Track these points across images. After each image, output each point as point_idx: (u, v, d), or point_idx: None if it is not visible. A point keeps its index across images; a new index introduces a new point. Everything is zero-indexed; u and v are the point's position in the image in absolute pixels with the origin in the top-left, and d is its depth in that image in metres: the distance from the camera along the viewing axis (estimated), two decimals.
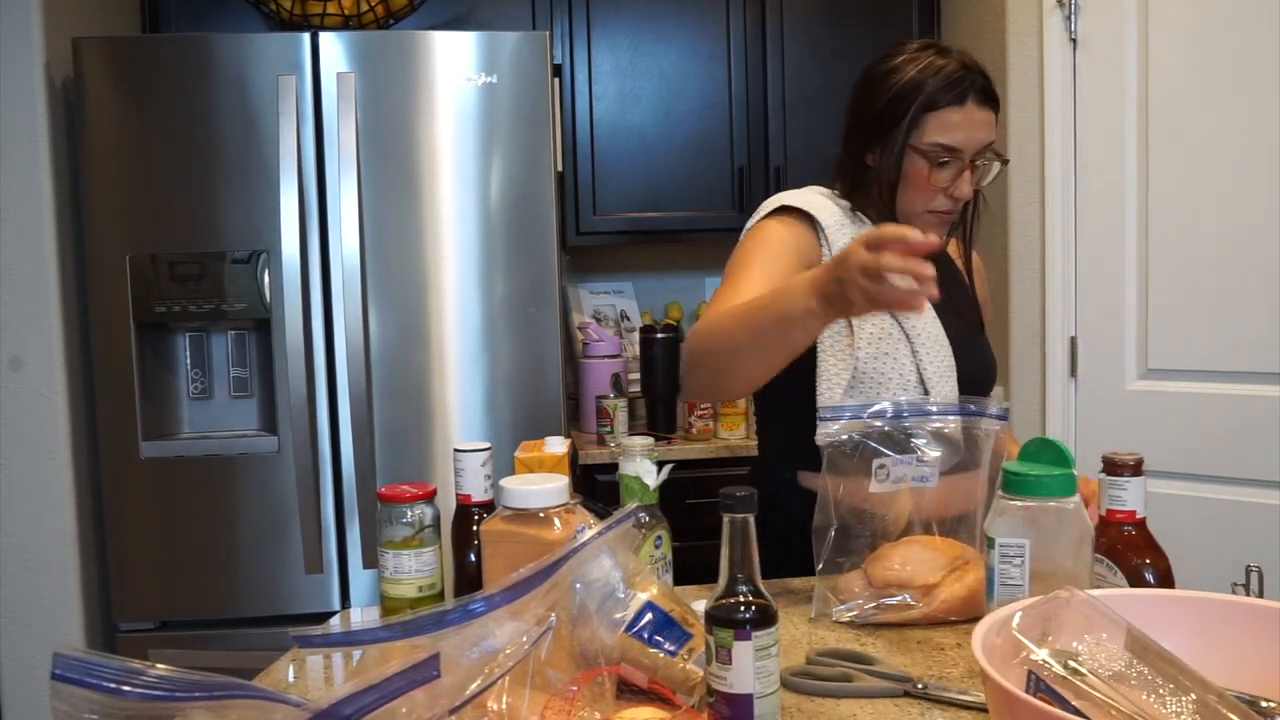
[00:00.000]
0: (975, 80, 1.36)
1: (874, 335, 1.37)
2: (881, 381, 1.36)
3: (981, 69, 1.38)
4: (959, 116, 1.35)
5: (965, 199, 1.39)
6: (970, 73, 1.36)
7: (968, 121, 1.35)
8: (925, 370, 1.37)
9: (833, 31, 2.76)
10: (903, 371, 1.36)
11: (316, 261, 2.12)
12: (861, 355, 1.36)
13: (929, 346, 1.38)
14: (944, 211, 1.40)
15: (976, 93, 1.36)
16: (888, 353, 1.37)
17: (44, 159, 2.10)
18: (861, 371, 1.36)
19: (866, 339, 1.37)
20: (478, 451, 1.17)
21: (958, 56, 1.38)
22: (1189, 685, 0.73)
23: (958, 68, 1.36)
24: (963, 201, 1.40)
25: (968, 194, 1.38)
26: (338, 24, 2.32)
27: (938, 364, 1.38)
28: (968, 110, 1.35)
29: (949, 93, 1.35)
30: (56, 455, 2.13)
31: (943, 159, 1.36)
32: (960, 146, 1.36)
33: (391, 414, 2.15)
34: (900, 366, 1.37)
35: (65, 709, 0.59)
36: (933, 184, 1.37)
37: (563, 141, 2.67)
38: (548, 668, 0.79)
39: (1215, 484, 2.12)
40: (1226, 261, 2.09)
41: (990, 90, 1.38)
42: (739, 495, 0.82)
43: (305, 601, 2.15)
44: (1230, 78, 2.07)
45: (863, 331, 1.37)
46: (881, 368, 1.36)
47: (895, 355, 1.37)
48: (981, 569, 1.12)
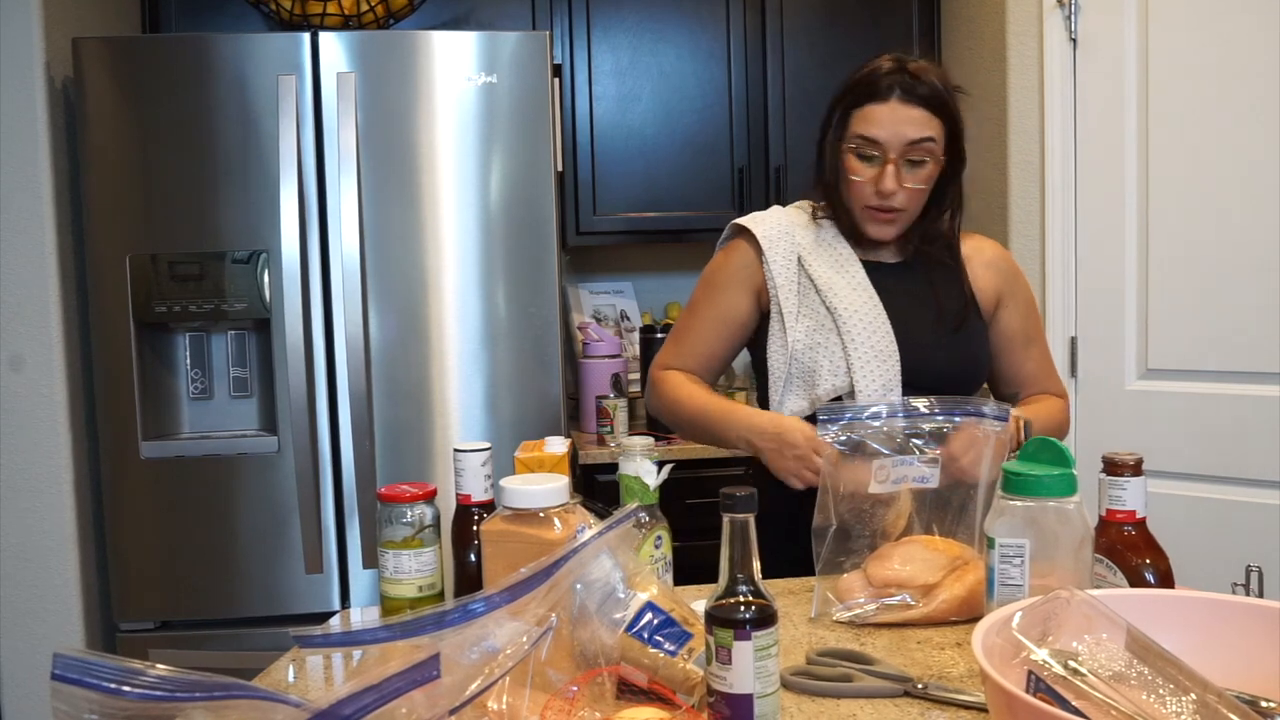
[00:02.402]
0: (904, 79, 1.42)
1: (809, 327, 1.46)
2: (814, 369, 1.45)
3: (919, 71, 1.42)
4: (881, 111, 1.42)
5: (889, 194, 1.43)
6: (901, 72, 1.42)
7: (891, 116, 1.41)
8: (852, 361, 1.42)
9: (833, 31, 2.76)
10: (833, 360, 1.44)
11: (316, 261, 2.12)
12: (798, 348, 1.46)
13: (860, 339, 1.44)
14: (879, 208, 1.45)
15: (904, 91, 1.41)
16: (820, 344, 1.45)
17: (44, 159, 2.10)
18: (797, 362, 1.47)
19: (803, 331, 1.47)
20: (478, 451, 1.17)
21: (899, 59, 1.44)
22: (1189, 685, 0.73)
23: (890, 67, 1.43)
24: (893, 196, 1.43)
25: (889, 188, 1.42)
26: (338, 24, 2.32)
27: (867, 355, 1.43)
28: (891, 106, 1.41)
29: (873, 88, 1.43)
30: (56, 455, 2.13)
31: (866, 152, 1.43)
32: (881, 140, 1.42)
33: (391, 414, 2.15)
34: (831, 356, 1.44)
35: (65, 709, 0.59)
36: (862, 178, 1.44)
37: (563, 141, 2.67)
38: (548, 668, 0.79)
39: (1215, 484, 2.12)
40: (1226, 261, 2.09)
41: (926, 93, 1.41)
42: (739, 495, 0.82)
43: (305, 601, 2.15)
44: (1230, 78, 2.07)
45: (799, 326, 1.47)
46: (814, 358, 1.45)
47: (826, 346, 1.45)
48: (981, 569, 1.12)
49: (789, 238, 1.52)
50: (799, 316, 1.48)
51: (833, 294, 1.47)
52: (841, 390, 1.44)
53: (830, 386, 1.44)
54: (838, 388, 1.44)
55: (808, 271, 1.50)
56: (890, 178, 1.42)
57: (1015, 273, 1.59)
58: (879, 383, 1.42)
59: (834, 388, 1.44)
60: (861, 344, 1.44)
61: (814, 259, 1.50)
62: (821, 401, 1.45)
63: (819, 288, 1.48)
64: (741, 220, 1.56)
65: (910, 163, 1.43)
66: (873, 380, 1.42)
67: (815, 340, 1.46)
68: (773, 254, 1.50)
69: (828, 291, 1.47)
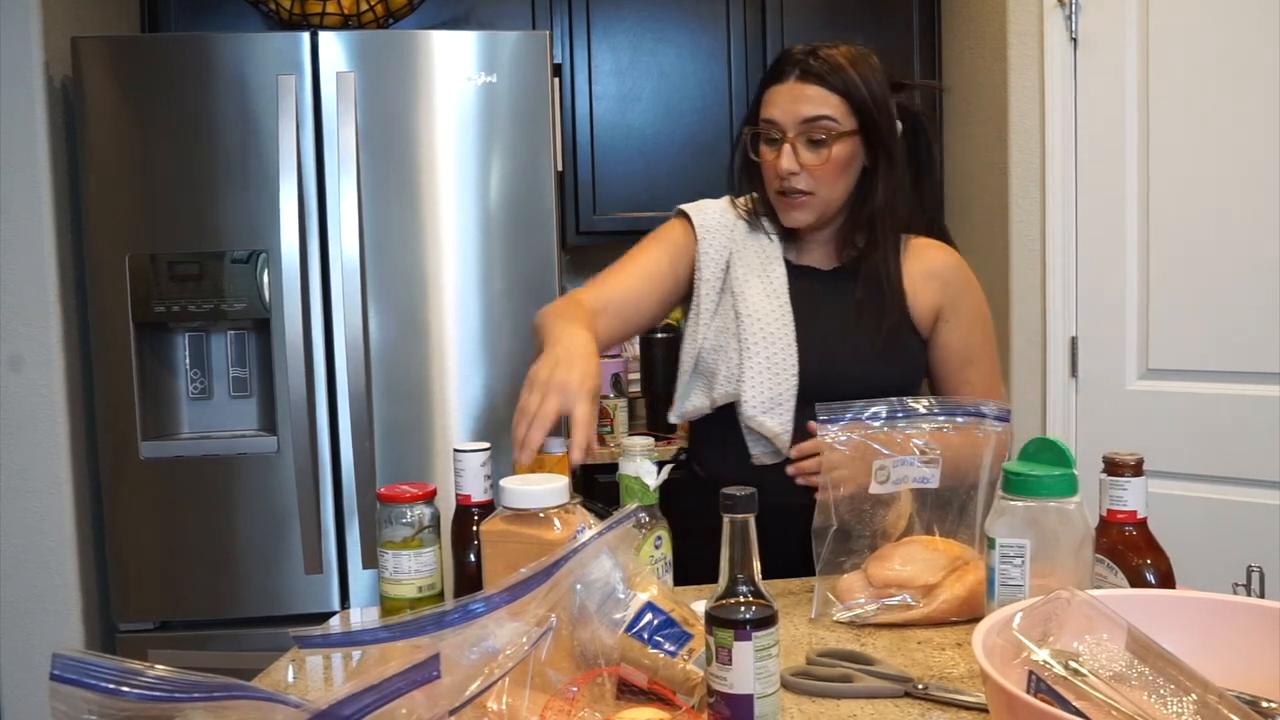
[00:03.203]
0: (802, 60, 1.40)
1: (718, 329, 1.46)
2: (714, 372, 1.44)
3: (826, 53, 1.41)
4: (780, 91, 1.41)
5: (785, 174, 1.40)
6: (808, 55, 1.41)
7: (788, 95, 1.40)
8: (744, 370, 1.40)
9: (833, 31, 2.76)
10: (729, 366, 1.42)
11: (316, 261, 2.12)
12: (704, 347, 1.46)
13: (756, 349, 1.41)
14: (785, 194, 1.43)
15: (801, 70, 1.40)
16: (722, 347, 1.44)
17: (43, 158, 2.10)
18: (702, 361, 1.46)
19: (712, 332, 1.46)
20: (478, 451, 1.17)
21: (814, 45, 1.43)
22: (1190, 686, 0.73)
23: (798, 50, 1.43)
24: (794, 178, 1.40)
25: (785, 167, 1.40)
26: (337, 23, 2.31)
27: (759, 366, 1.41)
28: (789, 85, 1.40)
29: (773, 72, 1.43)
30: (56, 455, 2.13)
31: (769, 135, 1.42)
32: (777, 119, 1.41)
33: (391, 414, 2.15)
34: (728, 361, 1.43)
35: (64, 709, 0.58)
36: (767, 164, 1.44)
37: (563, 141, 2.66)
38: (548, 668, 0.79)
39: (1216, 484, 2.12)
40: (1227, 261, 2.09)
41: (824, 70, 1.39)
42: (739, 495, 0.81)
43: (305, 602, 2.15)
44: (1231, 77, 2.07)
45: (711, 325, 1.47)
46: (715, 360, 1.44)
47: (726, 350, 1.43)
48: (982, 569, 1.11)
49: (726, 234, 1.50)
50: (714, 316, 1.47)
51: (743, 299, 1.44)
52: (733, 397, 1.41)
53: (724, 392, 1.42)
54: (730, 394, 1.42)
55: (731, 273, 1.48)
56: (786, 156, 1.39)
57: (963, 284, 1.50)
58: (767, 394, 1.39)
59: (727, 393, 1.42)
60: (756, 354, 1.41)
61: (741, 261, 1.48)
62: (718, 404, 1.43)
63: (734, 292, 1.46)
64: (685, 207, 1.55)
65: (811, 142, 1.39)
66: (761, 392, 1.39)
67: (719, 343, 1.45)
68: (706, 246, 1.49)
69: (740, 296, 1.45)
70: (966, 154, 2.67)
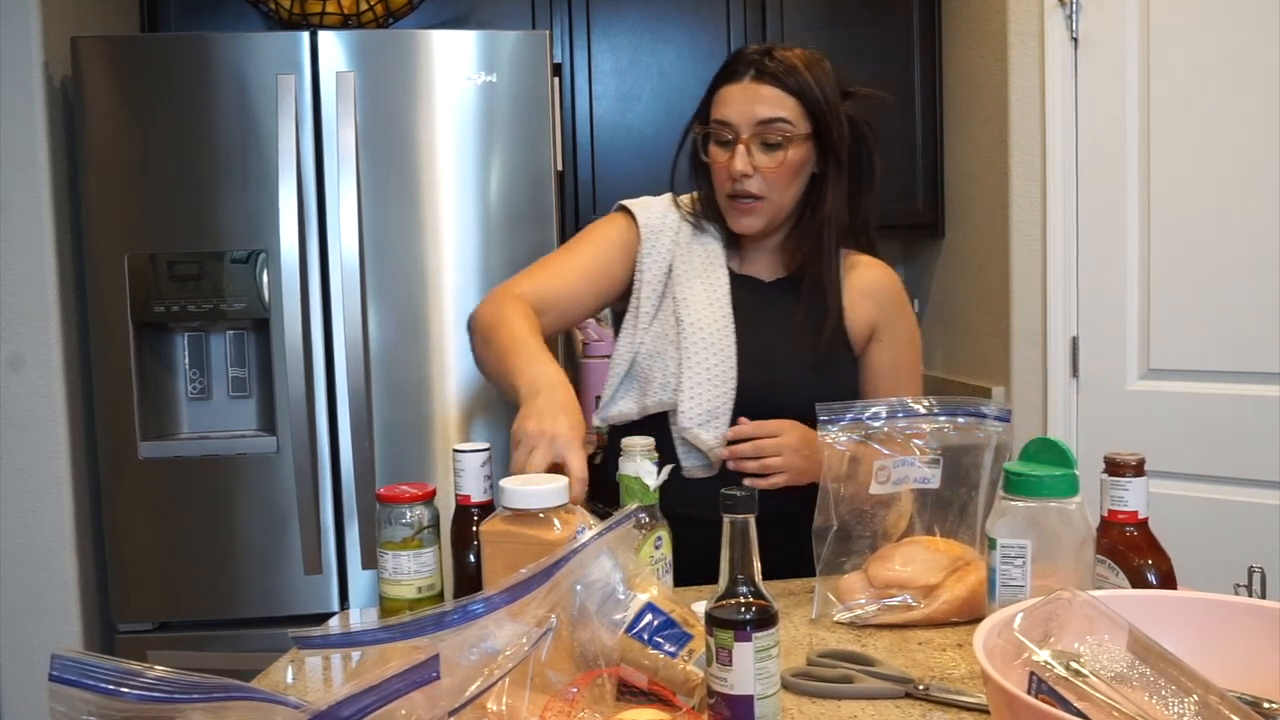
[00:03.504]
0: (757, 60, 1.39)
1: (656, 334, 1.43)
2: (649, 378, 1.42)
3: (781, 54, 1.39)
4: (734, 91, 1.39)
5: (739, 175, 1.38)
6: (762, 55, 1.39)
7: (742, 95, 1.38)
8: (682, 378, 1.38)
9: (833, 32, 2.76)
10: (665, 373, 1.40)
11: (315, 261, 2.12)
12: (642, 351, 1.43)
13: (696, 358, 1.39)
14: (737, 196, 1.41)
15: (756, 71, 1.38)
16: (660, 353, 1.41)
17: (43, 158, 2.10)
18: (637, 365, 1.43)
19: (651, 337, 1.43)
20: (477, 452, 1.17)
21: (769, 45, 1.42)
22: (1191, 686, 0.73)
23: (752, 50, 1.41)
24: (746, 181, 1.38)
25: (739, 169, 1.37)
26: (337, 23, 2.31)
27: (698, 376, 1.38)
28: (743, 86, 1.38)
29: (730, 70, 1.41)
30: (55, 455, 2.12)
31: (722, 136, 1.40)
32: (732, 120, 1.39)
33: (391, 414, 2.15)
34: (665, 369, 1.40)
35: (63, 710, 0.58)
36: (719, 165, 1.41)
37: (563, 141, 2.66)
38: (548, 669, 0.79)
39: (1216, 484, 2.12)
40: (1227, 261, 2.09)
41: (779, 71, 1.38)
42: (739, 496, 0.81)
43: (304, 602, 2.15)
44: (1231, 77, 2.07)
45: (650, 330, 1.44)
46: (652, 366, 1.42)
47: (664, 357, 1.41)
48: (983, 570, 1.11)
49: (671, 236, 1.48)
50: (653, 320, 1.45)
51: (685, 306, 1.42)
52: (667, 406, 1.39)
53: (657, 400, 1.40)
54: (664, 402, 1.40)
55: (674, 277, 1.46)
56: (740, 158, 1.37)
57: (898, 305, 1.50)
58: (705, 406, 1.37)
59: (660, 401, 1.40)
60: (696, 363, 1.39)
61: (684, 265, 1.46)
62: (648, 411, 1.41)
63: (676, 297, 1.44)
64: (629, 204, 1.53)
65: (766, 145, 1.38)
66: (698, 402, 1.37)
67: (657, 349, 1.42)
68: (649, 248, 1.47)
69: (682, 303, 1.43)
70: (966, 154, 2.67)
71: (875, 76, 2.81)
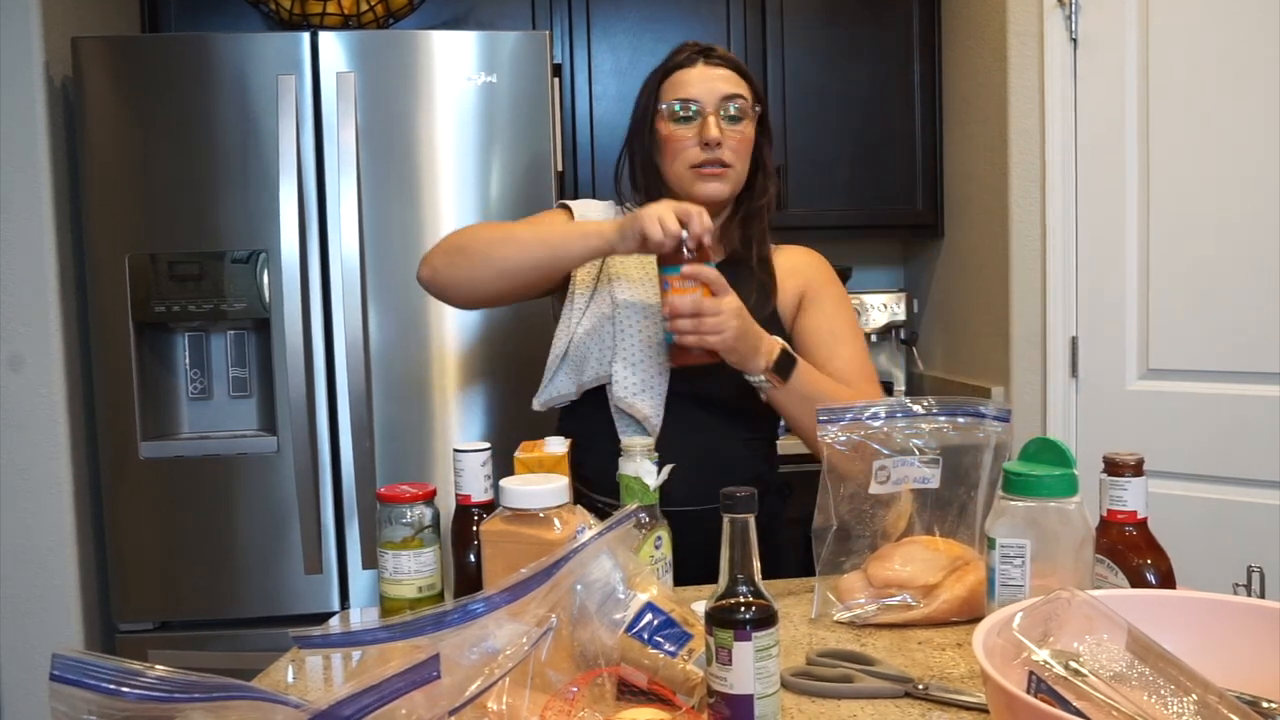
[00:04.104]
0: (704, 50, 1.49)
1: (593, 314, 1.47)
2: (586, 355, 1.45)
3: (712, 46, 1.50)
4: (691, 73, 1.47)
5: (715, 142, 1.43)
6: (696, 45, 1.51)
7: (702, 76, 1.47)
8: (617, 351, 1.43)
9: (833, 32, 2.76)
10: (602, 348, 1.44)
11: (316, 261, 2.12)
12: (578, 333, 1.46)
13: (630, 331, 1.43)
14: (706, 163, 1.45)
15: (707, 57, 1.48)
16: (595, 330, 1.45)
17: (43, 159, 2.10)
18: (574, 345, 1.46)
19: (588, 319, 1.46)
20: (478, 451, 1.17)
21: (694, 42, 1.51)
22: (1190, 686, 0.73)
23: (689, 44, 1.50)
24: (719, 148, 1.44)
25: (714, 135, 1.43)
26: (337, 23, 2.31)
27: (634, 348, 1.43)
28: (700, 69, 1.47)
29: (678, 59, 1.49)
30: (56, 455, 2.13)
31: (683, 115, 1.46)
32: (696, 97, 1.45)
33: (391, 414, 2.15)
34: (601, 344, 1.44)
35: (64, 709, 0.58)
36: (682, 139, 1.45)
37: (563, 141, 2.66)
38: (548, 668, 0.79)
39: (1216, 484, 2.12)
40: (1227, 261, 2.09)
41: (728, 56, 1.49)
42: (739, 496, 0.81)
43: (304, 602, 2.15)
44: (1231, 77, 2.07)
45: (587, 313, 1.47)
46: (589, 344, 1.45)
47: (601, 333, 1.45)
48: (982, 569, 1.11)
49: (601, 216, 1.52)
50: (589, 303, 1.48)
51: (620, 285, 1.47)
52: (603, 379, 1.43)
53: (594, 374, 1.44)
54: (600, 376, 1.44)
55: (609, 264, 1.50)
56: (713, 126, 1.43)
57: (821, 272, 1.56)
58: (639, 378, 1.41)
59: (597, 376, 1.44)
60: (631, 336, 1.43)
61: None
62: (585, 387, 1.46)
63: (610, 277, 1.49)
64: (567, 201, 1.58)
65: (728, 118, 1.45)
66: (633, 374, 1.41)
67: (594, 326, 1.46)
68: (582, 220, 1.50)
69: (617, 282, 1.48)
70: (966, 154, 2.67)
71: (875, 76, 2.83)
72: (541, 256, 1.37)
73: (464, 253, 1.40)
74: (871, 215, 2.79)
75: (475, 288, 1.42)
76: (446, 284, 1.42)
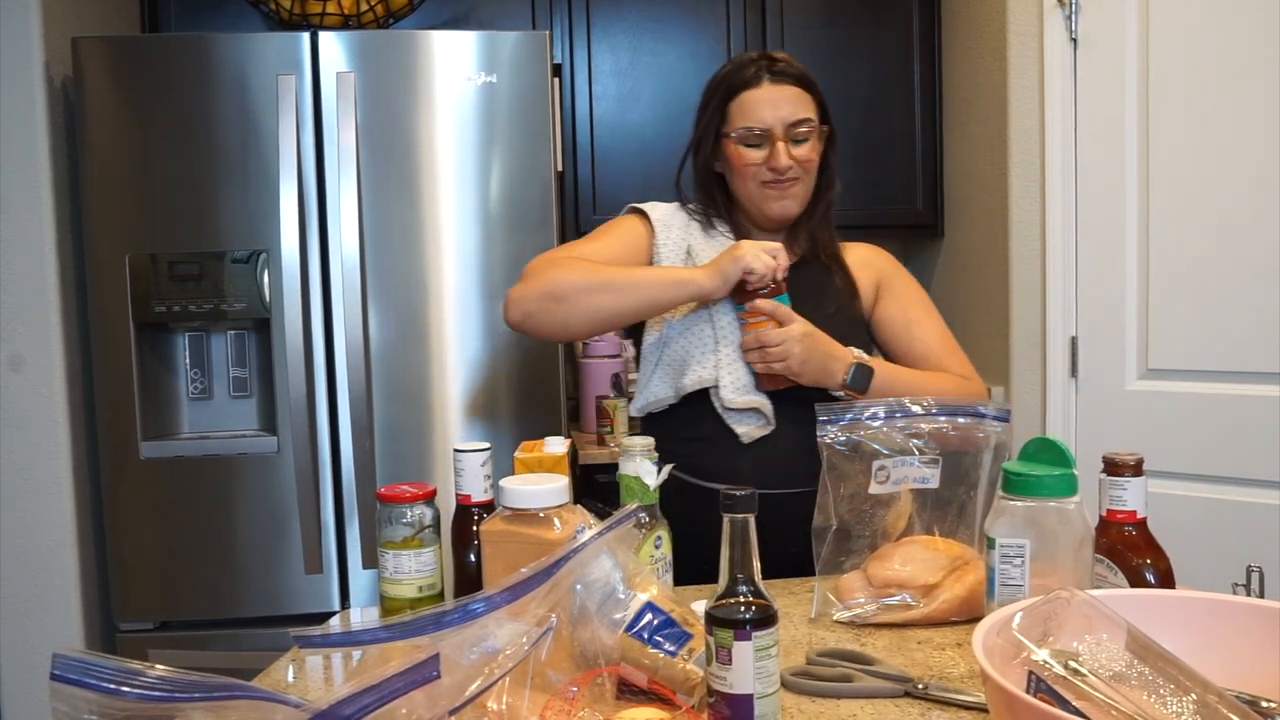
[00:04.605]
0: (771, 63, 1.48)
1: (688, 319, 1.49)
2: (685, 359, 1.48)
3: (781, 55, 1.50)
4: (759, 95, 1.48)
5: (781, 168, 1.47)
6: (764, 58, 1.49)
7: (769, 99, 1.48)
8: (720, 354, 1.45)
9: (833, 31, 2.76)
10: (703, 351, 1.46)
11: (316, 261, 2.12)
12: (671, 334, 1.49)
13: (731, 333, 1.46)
14: (775, 181, 1.49)
15: (772, 74, 1.49)
16: (690, 331, 1.48)
17: (44, 159, 2.10)
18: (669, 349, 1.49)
19: (679, 319, 1.49)
20: (478, 451, 1.17)
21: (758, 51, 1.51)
22: (1190, 685, 0.73)
23: (753, 57, 1.50)
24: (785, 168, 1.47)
25: (783, 163, 1.47)
26: (337, 24, 2.31)
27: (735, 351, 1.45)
28: (766, 89, 1.48)
29: (742, 77, 1.49)
30: (56, 455, 2.13)
31: (751, 140, 1.48)
32: (765, 124, 1.48)
33: (391, 414, 2.15)
34: (702, 347, 1.47)
35: (64, 709, 0.58)
36: (752, 163, 1.48)
37: (563, 141, 2.66)
38: (548, 668, 0.79)
39: (1215, 484, 2.12)
40: (1226, 261, 2.09)
41: (792, 71, 1.49)
42: (739, 495, 0.81)
43: (305, 601, 2.15)
44: (1231, 77, 2.07)
45: (676, 313, 1.50)
46: (686, 347, 1.48)
47: (700, 335, 1.47)
48: (982, 569, 1.11)
49: (682, 227, 1.55)
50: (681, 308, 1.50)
51: None
52: (706, 383, 1.45)
53: (696, 378, 1.46)
54: (703, 380, 1.45)
55: (693, 261, 1.52)
56: (782, 154, 1.47)
57: (889, 263, 1.62)
58: (743, 379, 1.44)
59: (699, 379, 1.46)
60: (731, 338, 1.45)
61: (702, 251, 1.52)
62: (685, 390, 1.47)
63: None
64: (637, 205, 1.59)
65: (795, 140, 1.49)
66: (738, 375, 1.44)
67: (689, 327, 1.48)
68: (664, 238, 1.53)
69: None
70: (966, 154, 2.67)
71: (875, 76, 2.83)
72: (638, 307, 1.42)
73: (559, 300, 1.41)
74: (871, 215, 2.79)
75: (568, 332, 1.45)
76: (539, 327, 1.45)
